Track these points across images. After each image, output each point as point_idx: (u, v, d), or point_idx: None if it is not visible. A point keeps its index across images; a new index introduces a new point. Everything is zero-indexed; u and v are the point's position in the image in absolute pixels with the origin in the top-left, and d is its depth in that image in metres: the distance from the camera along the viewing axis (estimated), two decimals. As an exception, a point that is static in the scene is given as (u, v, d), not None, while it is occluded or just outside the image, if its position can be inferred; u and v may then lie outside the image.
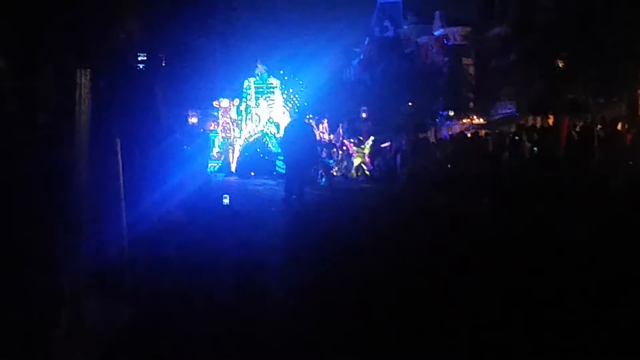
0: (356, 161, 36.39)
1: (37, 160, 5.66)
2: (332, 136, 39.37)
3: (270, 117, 36.70)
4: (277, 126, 35.11)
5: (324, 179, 30.50)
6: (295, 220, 15.77)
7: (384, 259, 9.94)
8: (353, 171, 36.18)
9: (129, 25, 8.94)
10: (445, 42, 49.45)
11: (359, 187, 30.41)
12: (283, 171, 30.77)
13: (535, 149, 25.30)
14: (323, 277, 8.59)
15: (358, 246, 11.03)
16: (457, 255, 10.13)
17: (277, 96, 38.67)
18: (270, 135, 35.42)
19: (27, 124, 5.52)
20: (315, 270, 9.09)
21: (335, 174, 33.63)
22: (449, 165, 30.81)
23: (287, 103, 37.72)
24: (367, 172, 35.97)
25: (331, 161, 33.57)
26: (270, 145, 35.02)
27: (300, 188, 18.34)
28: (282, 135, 20.50)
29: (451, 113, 45.80)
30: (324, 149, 32.68)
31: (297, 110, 20.95)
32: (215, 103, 31.90)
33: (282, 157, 20.07)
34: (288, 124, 21.04)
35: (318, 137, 30.82)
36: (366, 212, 18.71)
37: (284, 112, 37.07)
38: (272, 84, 38.44)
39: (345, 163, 36.86)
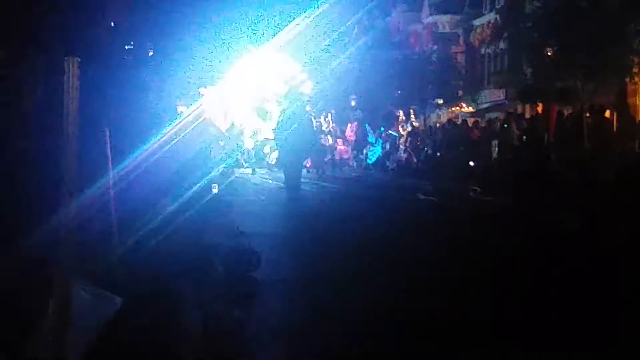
0: None
1: (25, 149, 5.62)
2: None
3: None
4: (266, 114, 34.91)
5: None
6: (286, 210, 15.77)
7: (371, 249, 9.95)
8: None
9: (117, 13, 8.88)
10: (434, 30, 49.40)
11: (352, 176, 30.40)
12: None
13: (524, 137, 25.35)
14: (310, 267, 8.61)
15: (349, 240, 10.99)
16: (444, 252, 10.14)
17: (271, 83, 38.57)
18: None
19: (14, 112, 5.48)
20: (302, 260, 9.12)
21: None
22: (438, 154, 30.86)
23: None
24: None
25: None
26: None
27: (296, 179, 17.92)
28: (276, 125, 19.49)
29: (440, 101, 45.76)
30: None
31: (294, 98, 19.81)
32: (201, 90, 31.34)
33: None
34: (283, 113, 19.65)
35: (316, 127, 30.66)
36: (357, 202, 18.72)
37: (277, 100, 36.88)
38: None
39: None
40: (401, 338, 5.56)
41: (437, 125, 39.03)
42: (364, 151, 37.09)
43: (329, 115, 39.43)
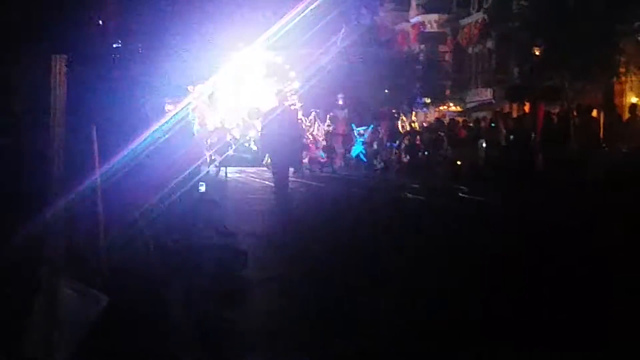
0: None
1: (13, 147, 5.60)
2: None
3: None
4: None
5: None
6: (273, 209, 15.74)
7: (359, 248, 9.95)
8: None
9: (105, 12, 8.85)
10: (422, 29, 49.41)
11: (338, 176, 30.42)
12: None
13: (511, 136, 25.39)
14: (299, 266, 8.60)
15: (336, 239, 10.95)
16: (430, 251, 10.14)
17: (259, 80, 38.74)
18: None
19: (2, 111, 5.45)
20: (290, 259, 9.11)
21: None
22: (425, 152, 30.91)
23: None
24: None
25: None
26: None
27: (284, 178, 17.75)
28: (262, 124, 19.21)
29: (427, 100, 45.80)
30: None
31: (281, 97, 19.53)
32: (189, 88, 31.17)
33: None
34: (269, 112, 19.42)
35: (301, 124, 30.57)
36: (345, 201, 18.72)
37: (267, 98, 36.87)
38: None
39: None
40: (392, 336, 5.56)
41: (424, 124, 39.10)
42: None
43: (312, 113, 39.57)
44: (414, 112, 41.80)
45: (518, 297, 6.83)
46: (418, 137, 33.35)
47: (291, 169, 22.82)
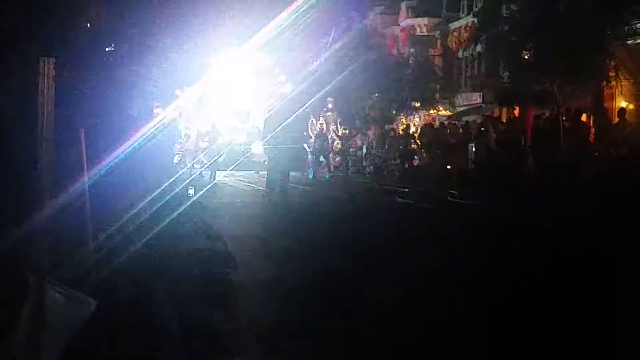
0: None
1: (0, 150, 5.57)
2: None
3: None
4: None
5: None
6: (262, 213, 15.74)
7: (347, 251, 9.94)
8: None
9: (94, 15, 8.83)
10: (412, 33, 49.44)
11: (328, 180, 30.41)
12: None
13: (501, 140, 25.44)
14: (287, 270, 8.59)
15: (325, 243, 10.91)
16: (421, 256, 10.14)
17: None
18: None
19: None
20: (279, 263, 9.11)
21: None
22: (415, 157, 30.93)
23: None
24: None
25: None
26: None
27: (283, 183, 17.45)
28: (265, 123, 18.65)
29: (417, 104, 45.81)
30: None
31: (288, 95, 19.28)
32: (177, 92, 30.91)
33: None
34: (274, 110, 18.82)
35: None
36: (335, 205, 18.72)
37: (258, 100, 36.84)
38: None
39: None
40: (383, 342, 5.55)
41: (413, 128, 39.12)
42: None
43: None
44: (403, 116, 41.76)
45: (505, 301, 6.83)
46: (413, 140, 33.26)
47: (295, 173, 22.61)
